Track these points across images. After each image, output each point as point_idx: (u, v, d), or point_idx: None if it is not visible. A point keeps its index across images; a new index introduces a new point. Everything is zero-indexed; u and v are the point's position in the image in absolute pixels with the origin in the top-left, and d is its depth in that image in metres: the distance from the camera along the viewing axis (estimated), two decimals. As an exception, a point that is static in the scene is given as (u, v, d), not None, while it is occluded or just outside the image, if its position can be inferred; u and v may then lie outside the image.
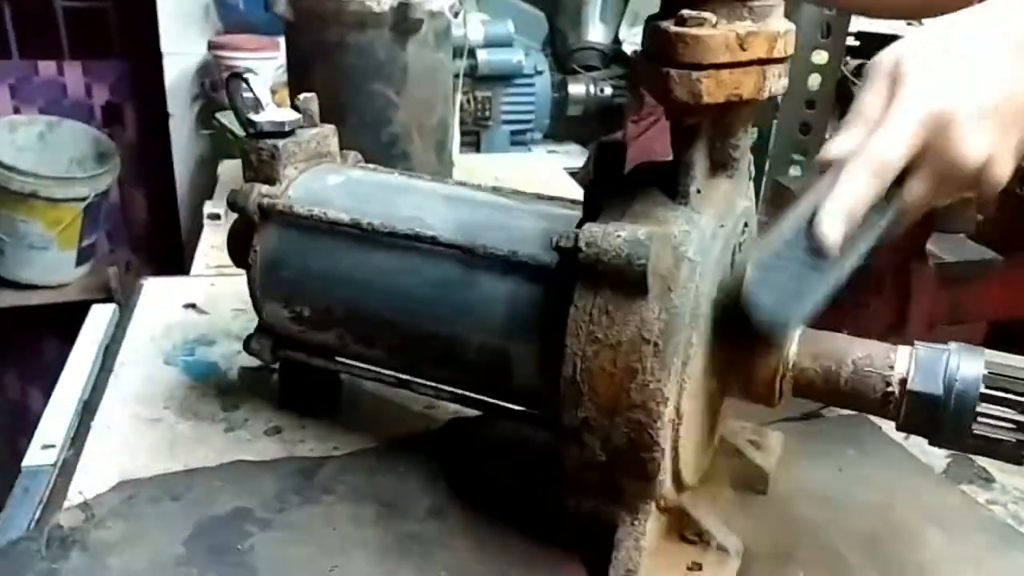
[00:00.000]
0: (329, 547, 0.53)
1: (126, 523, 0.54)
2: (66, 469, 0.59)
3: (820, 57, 0.88)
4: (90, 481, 0.57)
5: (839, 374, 0.49)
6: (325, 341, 0.61)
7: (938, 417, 0.46)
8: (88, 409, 0.67)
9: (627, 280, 0.45)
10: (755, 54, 0.43)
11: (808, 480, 0.62)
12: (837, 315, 0.76)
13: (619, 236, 0.45)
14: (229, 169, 1.63)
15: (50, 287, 2.05)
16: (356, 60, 1.18)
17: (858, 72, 2.24)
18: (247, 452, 0.62)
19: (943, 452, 0.68)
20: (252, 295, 0.62)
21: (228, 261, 1.27)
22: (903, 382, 0.47)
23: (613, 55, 1.98)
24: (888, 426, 0.69)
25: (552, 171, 1.67)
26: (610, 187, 0.50)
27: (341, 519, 0.56)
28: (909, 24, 2.30)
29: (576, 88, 1.87)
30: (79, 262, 2.12)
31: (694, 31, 0.43)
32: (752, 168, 0.55)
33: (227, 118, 1.77)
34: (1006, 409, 0.44)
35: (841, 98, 2.25)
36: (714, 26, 0.43)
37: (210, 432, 0.64)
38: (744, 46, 0.43)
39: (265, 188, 0.60)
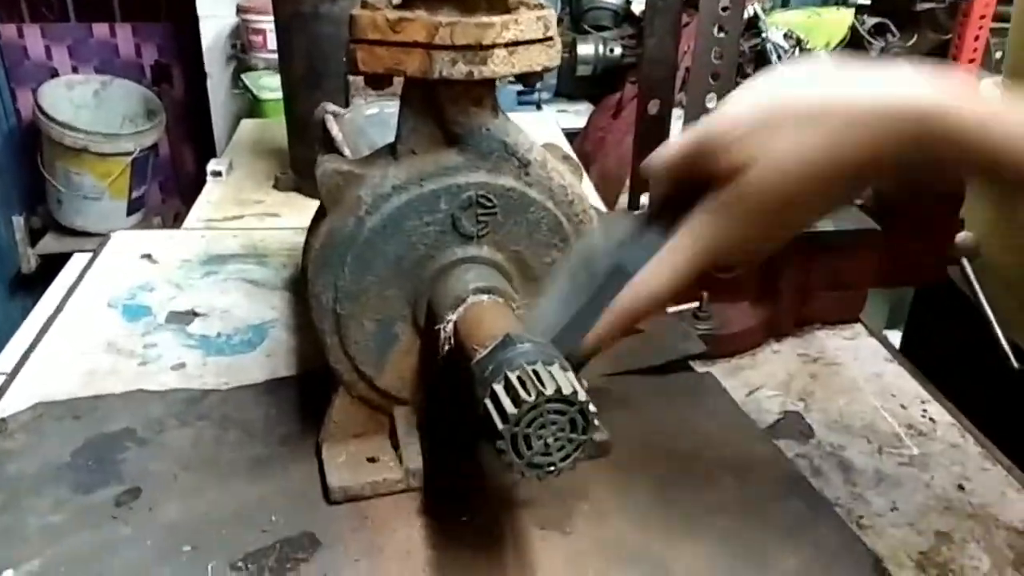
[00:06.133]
0: (185, 462, 0.63)
1: (29, 436, 0.65)
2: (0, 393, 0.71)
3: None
4: (15, 403, 0.69)
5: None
6: None
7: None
8: (34, 344, 0.79)
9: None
10: (411, 37, 0.49)
11: (628, 427, 0.69)
12: (708, 284, 0.81)
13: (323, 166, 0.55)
14: (246, 128, 1.74)
15: (104, 234, 2.25)
16: (330, 28, 1.26)
17: (874, 31, 2.19)
18: (151, 383, 0.73)
19: (776, 409, 0.74)
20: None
21: (218, 216, 1.39)
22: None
23: (625, 14, 2.00)
24: (730, 384, 0.76)
25: (550, 133, 1.73)
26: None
27: (205, 441, 0.66)
28: None
29: (585, 48, 1.91)
30: (130, 211, 2.31)
31: (355, 11, 0.50)
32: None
33: (250, 79, 1.88)
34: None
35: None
36: (376, 9, 0.50)
37: (126, 365, 0.75)
38: (396, 28, 0.49)
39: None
